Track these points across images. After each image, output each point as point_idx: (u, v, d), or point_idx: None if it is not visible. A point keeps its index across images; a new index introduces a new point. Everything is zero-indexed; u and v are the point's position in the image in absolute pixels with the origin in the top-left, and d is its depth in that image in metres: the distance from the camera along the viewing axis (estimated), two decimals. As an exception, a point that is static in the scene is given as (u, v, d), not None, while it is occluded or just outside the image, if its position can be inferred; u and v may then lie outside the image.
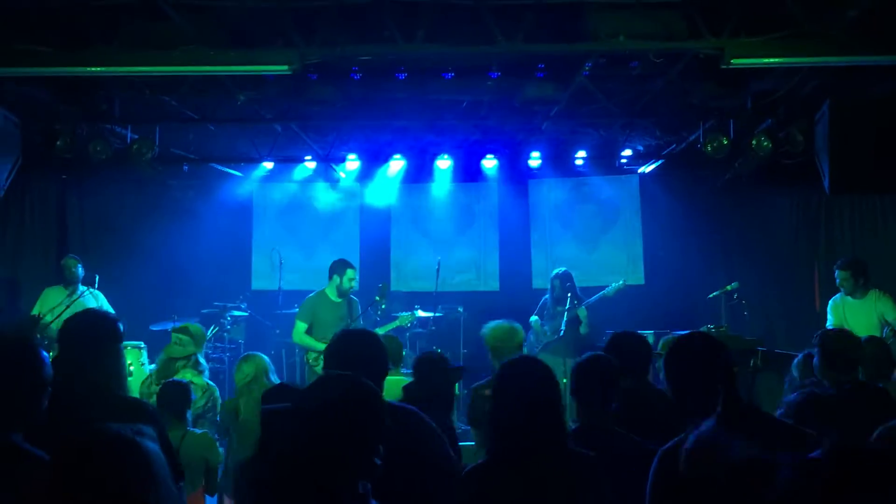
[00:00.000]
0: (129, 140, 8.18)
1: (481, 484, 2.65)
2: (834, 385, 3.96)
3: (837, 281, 7.09)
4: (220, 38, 6.01)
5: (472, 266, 10.62)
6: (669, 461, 2.68)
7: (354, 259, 10.13)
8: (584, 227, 10.51)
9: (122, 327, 3.10)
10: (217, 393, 5.45)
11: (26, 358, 2.47)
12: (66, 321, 3.12)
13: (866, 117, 6.36)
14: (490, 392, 2.84)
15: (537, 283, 10.29)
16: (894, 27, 5.61)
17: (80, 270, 7.74)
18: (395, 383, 4.60)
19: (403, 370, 8.20)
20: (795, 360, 4.67)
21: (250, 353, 5.53)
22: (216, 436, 5.08)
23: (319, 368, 6.74)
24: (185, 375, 5.20)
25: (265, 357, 5.38)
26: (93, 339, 2.98)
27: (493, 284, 10.56)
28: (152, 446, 1.82)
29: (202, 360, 5.54)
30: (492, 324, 5.26)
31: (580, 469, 2.63)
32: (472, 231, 10.69)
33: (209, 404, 5.25)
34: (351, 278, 7.49)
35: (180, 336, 5.52)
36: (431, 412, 3.70)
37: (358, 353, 2.99)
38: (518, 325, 5.32)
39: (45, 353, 2.51)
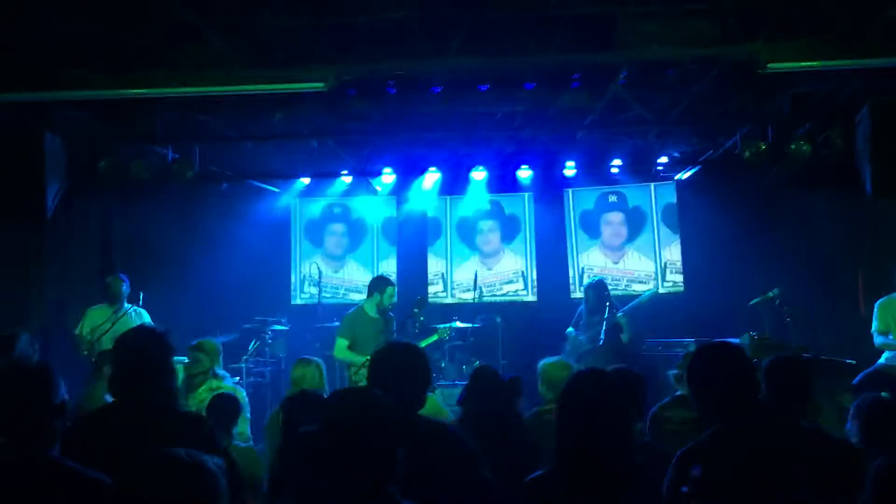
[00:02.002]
0: (170, 159, 8.33)
1: (543, 493, 2.66)
2: None
3: None
4: (257, 58, 6.11)
5: (520, 276, 10.62)
6: (688, 462, 2.72)
7: (391, 271, 10.22)
8: (620, 235, 10.45)
9: (171, 341, 3.16)
10: (244, 394, 5.55)
11: (38, 381, 2.55)
12: (119, 339, 3.19)
13: (908, 119, 6.26)
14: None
15: (574, 292, 10.26)
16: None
17: (126, 288, 7.86)
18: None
19: (442, 382, 8.29)
20: None
21: (305, 357, 5.61)
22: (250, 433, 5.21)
23: (361, 380, 6.81)
24: (211, 385, 5.30)
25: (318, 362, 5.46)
26: (146, 354, 3.05)
27: (531, 295, 10.55)
28: (213, 466, 1.87)
29: (220, 371, 5.66)
30: (547, 360, 5.17)
31: (644, 486, 2.62)
32: (507, 241, 10.69)
33: (242, 403, 5.35)
34: (391, 295, 7.61)
35: (196, 354, 5.74)
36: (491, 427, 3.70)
37: (402, 366, 3.08)
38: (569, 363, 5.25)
39: (58, 378, 2.59)
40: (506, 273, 10.59)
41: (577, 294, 10.11)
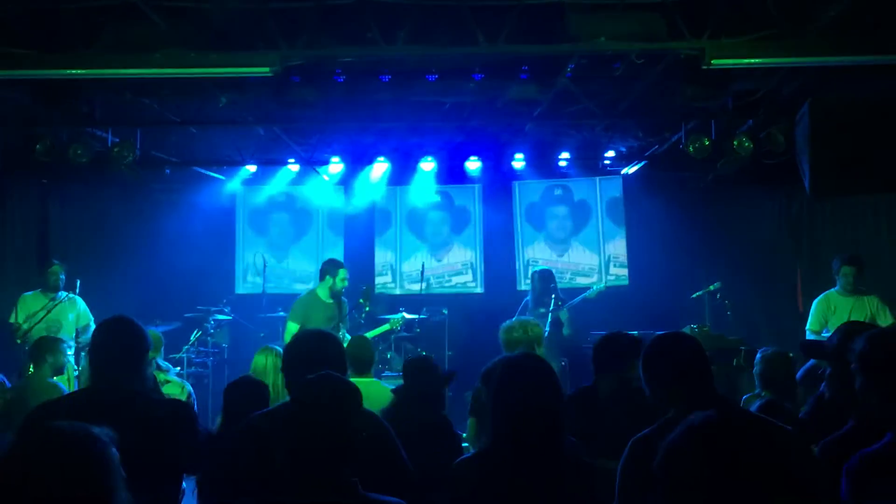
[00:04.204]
0: (109, 143, 8.13)
1: (472, 475, 2.63)
2: None
3: (842, 275, 7.04)
4: (201, 41, 5.97)
5: (469, 268, 10.63)
6: (641, 449, 2.74)
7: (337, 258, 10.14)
8: (567, 228, 10.53)
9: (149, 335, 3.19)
10: (189, 387, 5.46)
11: None
12: (100, 326, 3.20)
13: (846, 118, 6.37)
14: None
15: (521, 284, 10.31)
16: (873, 28, 5.66)
17: (64, 277, 7.69)
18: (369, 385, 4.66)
19: (386, 374, 8.26)
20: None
21: (267, 345, 5.50)
22: None
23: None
24: (157, 378, 5.18)
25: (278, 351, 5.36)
26: (127, 346, 3.06)
27: (478, 287, 10.57)
28: (104, 437, 1.86)
29: (162, 363, 5.55)
30: (508, 322, 5.19)
31: (574, 475, 2.60)
32: (456, 233, 10.69)
33: (190, 400, 5.26)
34: (343, 278, 7.52)
35: None
36: (425, 410, 3.74)
37: (316, 354, 3.10)
38: (533, 320, 5.30)
39: None
40: (455, 264, 10.60)
41: (524, 286, 10.16)
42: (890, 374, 2.47)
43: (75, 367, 6.67)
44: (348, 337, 7.50)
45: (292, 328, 7.41)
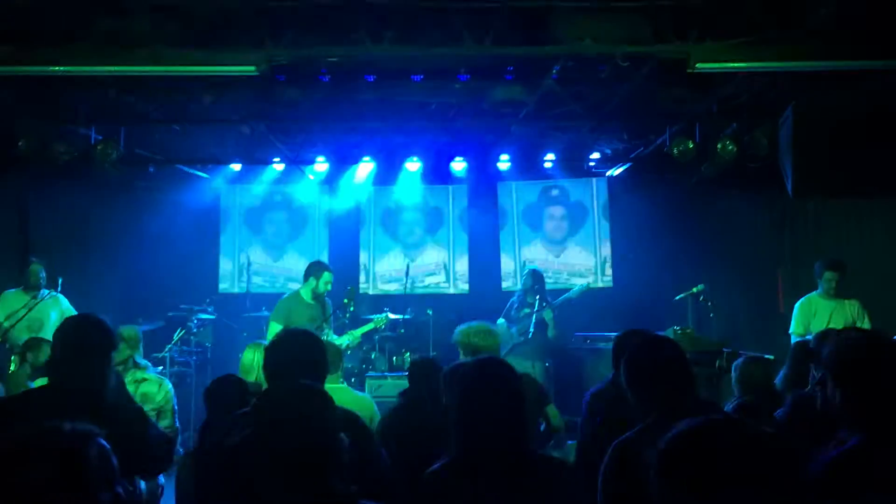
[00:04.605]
0: (92, 141, 8.07)
1: (442, 486, 2.59)
2: None
3: (825, 280, 7.10)
4: (187, 39, 5.94)
5: (442, 268, 10.63)
6: (623, 453, 2.74)
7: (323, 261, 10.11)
8: (553, 229, 10.56)
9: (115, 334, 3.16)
10: (169, 386, 5.42)
11: None
12: (63, 323, 3.18)
13: (829, 122, 6.43)
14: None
15: (506, 285, 10.33)
16: (856, 34, 5.71)
17: (45, 274, 7.63)
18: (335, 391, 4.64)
19: (370, 374, 8.25)
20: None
21: (256, 341, 5.45)
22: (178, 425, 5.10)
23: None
24: (135, 376, 5.14)
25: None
26: (86, 341, 3.04)
27: (463, 287, 10.58)
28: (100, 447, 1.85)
29: (141, 361, 5.51)
30: (467, 324, 5.18)
31: (545, 474, 2.59)
32: (441, 233, 10.69)
33: (168, 396, 5.21)
34: (327, 281, 7.51)
35: None
36: (430, 412, 3.75)
37: (299, 354, 3.07)
38: (494, 327, 5.27)
39: None
40: (428, 265, 10.59)
41: (509, 286, 10.17)
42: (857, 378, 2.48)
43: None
44: (334, 337, 7.50)
45: (275, 328, 7.40)
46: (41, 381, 5.71)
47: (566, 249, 10.51)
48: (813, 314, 7.10)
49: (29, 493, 1.76)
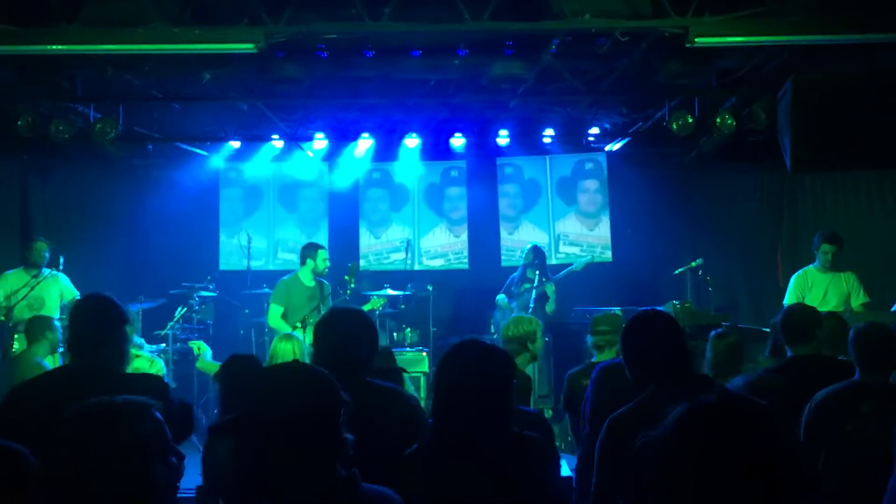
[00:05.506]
0: (91, 119, 8.07)
1: (421, 467, 2.58)
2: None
3: (821, 252, 7.12)
4: (185, 16, 5.93)
5: (442, 245, 10.64)
6: (620, 427, 2.78)
7: (323, 238, 10.15)
8: (552, 204, 10.55)
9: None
10: (161, 364, 5.47)
11: None
12: (77, 303, 3.27)
13: (828, 95, 6.42)
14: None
15: (506, 261, 10.35)
16: (855, 7, 5.70)
17: (48, 254, 7.65)
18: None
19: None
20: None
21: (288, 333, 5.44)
22: None
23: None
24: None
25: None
26: (104, 319, 3.11)
27: (463, 263, 10.60)
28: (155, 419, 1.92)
29: (136, 339, 5.56)
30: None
31: (523, 451, 2.58)
32: (440, 209, 10.69)
33: (160, 373, 5.27)
34: (325, 258, 7.61)
35: None
36: None
37: (348, 331, 3.07)
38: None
39: None
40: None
41: (508, 262, 10.19)
42: None
43: (62, 346, 6.66)
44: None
45: (276, 310, 7.49)
46: (51, 360, 5.78)
47: (565, 224, 10.49)
48: (809, 287, 7.14)
49: (93, 466, 1.80)
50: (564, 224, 10.47)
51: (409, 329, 9.26)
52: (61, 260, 7.69)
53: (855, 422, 3.09)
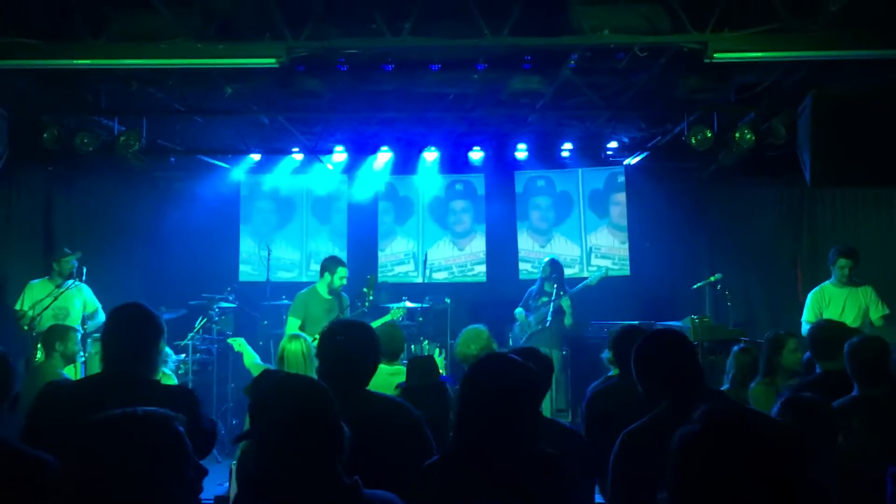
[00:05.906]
0: (115, 132, 8.18)
1: (439, 480, 2.57)
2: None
3: (837, 267, 7.07)
4: (208, 31, 6.02)
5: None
6: (634, 442, 2.81)
7: (342, 250, 10.21)
8: (569, 218, 10.56)
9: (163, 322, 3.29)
10: (174, 378, 5.48)
11: None
12: (117, 311, 3.26)
13: (848, 110, 6.41)
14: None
15: (524, 274, 10.36)
16: (875, 22, 5.69)
17: (76, 266, 7.74)
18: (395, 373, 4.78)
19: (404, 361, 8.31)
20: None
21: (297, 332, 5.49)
22: None
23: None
24: None
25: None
26: (141, 330, 3.17)
27: (480, 276, 10.61)
28: (175, 422, 1.92)
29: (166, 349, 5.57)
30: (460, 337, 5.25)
31: (543, 469, 2.56)
32: (459, 223, 10.72)
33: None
34: (342, 276, 7.62)
35: None
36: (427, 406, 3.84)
37: (349, 342, 3.10)
38: (482, 327, 5.32)
39: (15, 370, 2.74)
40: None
41: (526, 275, 10.19)
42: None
43: (82, 354, 6.74)
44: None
45: (294, 323, 7.53)
46: (69, 370, 5.84)
47: (584, 238, 10.47)
48: (826, 303, 7.09)
49: (107, 477, 1.81)
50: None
51: (426, 342, 9.28)
52: (84, 271, 7.79)
53: (847, 437, 3.11)
